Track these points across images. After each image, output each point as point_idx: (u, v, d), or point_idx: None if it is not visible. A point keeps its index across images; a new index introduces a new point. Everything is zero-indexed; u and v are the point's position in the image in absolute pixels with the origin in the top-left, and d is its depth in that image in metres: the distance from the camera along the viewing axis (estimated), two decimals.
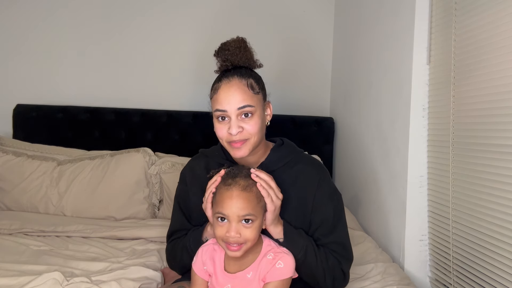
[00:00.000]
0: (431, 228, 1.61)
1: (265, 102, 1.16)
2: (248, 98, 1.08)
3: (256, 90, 1.11)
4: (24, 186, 2.10)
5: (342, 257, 1.17)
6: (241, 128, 1.08)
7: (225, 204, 0.98)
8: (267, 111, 1.17)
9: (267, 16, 2.62)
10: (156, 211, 2.16)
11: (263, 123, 1.14)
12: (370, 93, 2.05)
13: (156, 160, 2.19)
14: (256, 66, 1.17)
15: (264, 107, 1.15)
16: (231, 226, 0.98)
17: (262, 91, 1.14)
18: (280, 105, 2.64)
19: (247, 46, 1.15)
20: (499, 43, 1.22)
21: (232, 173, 1.03)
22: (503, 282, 1.21)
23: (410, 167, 1.62)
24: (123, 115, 2.49)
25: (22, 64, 2.56)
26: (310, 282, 1.15)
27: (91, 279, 1.37)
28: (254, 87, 1.10)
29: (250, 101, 1.08)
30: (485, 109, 1.30)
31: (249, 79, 1.10)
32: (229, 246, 0.99)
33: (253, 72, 1.15)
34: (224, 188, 1.00)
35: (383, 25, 1.89)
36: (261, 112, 1.12)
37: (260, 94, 1.13)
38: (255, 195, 1.00)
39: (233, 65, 1.13)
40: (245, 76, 1.10)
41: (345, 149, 2.42)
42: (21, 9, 2.54)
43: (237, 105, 1.07)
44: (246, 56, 1.14)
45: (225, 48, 1.14)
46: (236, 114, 1.08)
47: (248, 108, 1.08)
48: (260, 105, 1.12)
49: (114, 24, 2.57)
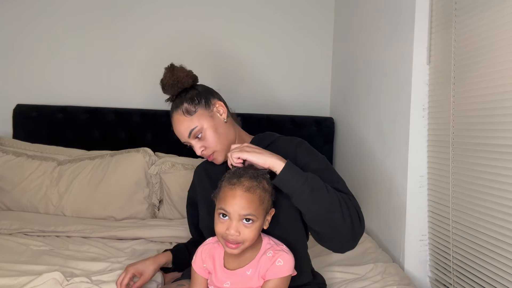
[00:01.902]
0: (431, 228, 1.61)
1: (210, 107, 1.21)
2: (189, 123, 1.18)
3: (192, 110, 1.19)
4: (24, 186, 2.11)
5: (348, 194, 1.11)
6: (203, 146, 1.19)
7: (228, 202, 0.99)
8: (219, 111, 1.23)
9: (267, 16, 2.62)
10: (156, 211, 2.16)
11: (220, 126, 1.21)
12: (370, 93, 2.05)
13: (156, 160, 2.19)
14: (190, 81, 1.23)
15: (211, 113, 1.21)
16: (231, 224, 0.99)
17: (199, 104, 1.20)
18: (280, 105, 2.64)
19: (174, 71, 1.21)
20: (499, 43, 1.22)
21: (238, 173, 1.03)
22: (503, 282, 1.21)
23: (410, 167, 1.62)
24: (123, 115, 2.49)
25: (22, 64, 2.56)
26: (325, 226, 1.05)
27: (91, 279, 1.37)
28: (189, 110, 1.18)
29: (192, 125, 1.18)
30: (485, 109, 1.30)
31: (183, 106, 1.19)
32: (227, 243, 1.00)
33: (188, 92, 1.21)
34: (228, 187, 1.01)
35: (383, 25, 1.89)
36: (209, 122, 1.19)
37: (199, 109, 1.19)
38: (258, 197, 1.00)
39: (173, 95, 1.23)
40: (178, 105, 1.20)
41: (345, 149, 2.43)
42: (21, 9, 2.54)
43: (185, 135, 1.19)
44: (177, 80, 1.20)
45: (162, 86, 1.22)
46: (191, 140, 1.20)
47: (193, 131, 1.18)
48: (204, 118, 1.19)
49: (114, 24, 2.57)
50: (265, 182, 1.03)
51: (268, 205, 1.04)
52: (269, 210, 1.05)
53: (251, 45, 2.62)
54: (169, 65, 1.22)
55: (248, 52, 2.62)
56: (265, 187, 1.03)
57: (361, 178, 2.13)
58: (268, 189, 1.03)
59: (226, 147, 1.20)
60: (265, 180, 1.04)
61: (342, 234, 1.06)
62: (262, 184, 1.02)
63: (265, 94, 2.65)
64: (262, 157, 1.05)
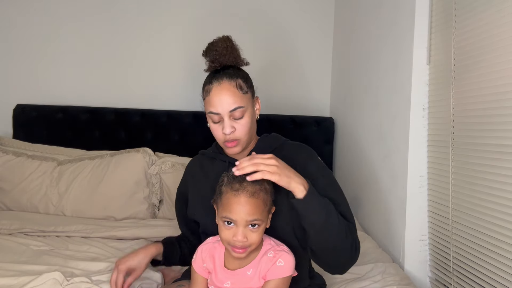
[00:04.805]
0: (431, 228, 1.61)
1: (254, 98, 1.20)
2: (238, 99, 1.12)
3: (245, 89, 1.15)
4: (24, 186, 2.11)
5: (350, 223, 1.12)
6: (234, 128, 1.13)
7: (233, 210, 0.98)
8: (256, 106, 1.22)
9: (267, 15, 2.62)
10: (156, 211, 2.16)
11: (254, 119, 1.19)
12: (370, 93, 2.05)
13: (156, 160, 2.19)
14: (243, 64, 1.21)
15: (253, 104, 1.19)
16: (238, 231, 0.98)
17: (250, 89, 1.17)
18: (280, 105, 2.64)
19: (233, 45, 1.18)
20: (499, 43, 1.22)
21: (239, 177, 1.01)
22: (503, 282, 1.21)
23: (410, 167, 1.62)
24: (123, 115, 2.49)
25: (22, 64, 2.56)
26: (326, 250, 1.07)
27: (91, 279, 1.37)
28: (242, 87, 1.14)
29: (240, 102, 1.12)
30: (485, 109, 1.30)
31: (238, 80, 1.14)
32: (234, 249, 1.00)
33: (240, 71, 1.18)
34: (231, 193, 0.99)
35: (383, 25, 1.89)
36: (251, 110, 1.16)
37: (249, 92, 1.16)
38: (262, 201, 1.00)
39: (221, 65, 1.17)
40: (233, 77, 1.14)
41: (345, 149, 2.43)
42: (21, 9, 2.54)
43: (228, 107, 1.11)
44: (233, 55, 1.17)
45: (212, 48, 1.17)
46: (228, 115, 1.12)
47: (239, 109, 1.12)
48: (249, 104, 1.16)
49: (114, 24, 2.57)
50: (265, 184, 1.03)
51: (270, 206, 1.04)
52: (271, 210, 1.05)
53: (250, 45, 2.62)
54: (226, 35, 1.17)
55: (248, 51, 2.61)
56: (266, 188, 1.02)
57: (361, 178, 2.13)
58: (269, 189, 1.03)
59: (249, 140, 1.19)
60: (265, 181, 1.03)
61: (339, 261, 1.11)
62: (264, 186, 1.01)
63: (265, 94, 2.65)
64: (289, 182, 1.02)
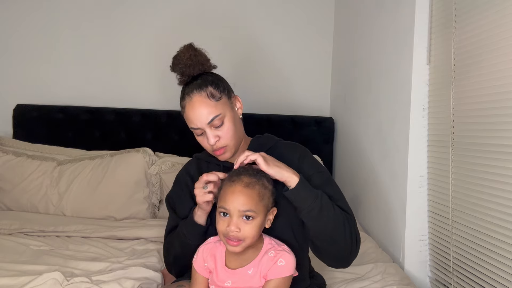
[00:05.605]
0: (431, 228, 1.61)
1: (231, 99, 1.17)
2: (213, 109, 1.10)
3: (217, 96, 1.11)
4: (24, 186, 2.11)
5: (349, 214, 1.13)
6: (218, 136, 1.11)
7: (228, 199, 1.00)
8: (237, 106, 1.19)
9: (267, 15, 2.62)
10: (156, 211, 2.16)
11: (237, 121, 1.16)
12: (370, 93, 2.05)
13: (156, 160, 2.19)
14: (212, 68, 1.18)
15: (232, 105, 1.16)
16: (231, 221, 0.99)
17: (223, 93, 1.14)
18: (280, 105, 2.64)
19: (197, 52, 1.14)
20: (499, 43, 1.22)
21: (238, 171, 1.05)
22: (503, 282, 1.21)
23: (410, 167, 1.62)
24: (123, 115, 2.49)
25: (22, 64, 2.56)
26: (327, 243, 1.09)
27: (91, 279, 1.37)
28: (214, 95, 1.11)
29: (215, 111, 1.10)
30: (485, 109, 1.30)
31: (208, 89, 1.11)
32: (229, 240, 1.00)
33: (210, 76, 1.15)
34: (228, 184, 1.02)
35: (383, 25, 1.90)
36: (230, 113, 1.13)
37: (223, 97, 1.13)
38: (257, 193, 1.01)
39: (190, 76, 1.14)
40: (202, 87, 1.11)
41: (345, 149, 2.43)
42: (21, 9, 2.54)
43: (205, 120, 1.10)
44: (199, 63, 1.14)
45: (177, 62, 1.14)
46: (208, 127, 1.11)
47: (216, 118, 1.10)
48: (227, 108, 1.13)
49: (114, 24, 2.57)
50: (265, 180, 1.04)
51: (269, 203, 1.04)
52: (270, 209, 1.05)
53: (250, 45, 2.62)
54: (187, 44, 1.14)
55: (247, 52, 2.62)
56: (264, 184, 1.03)
57: (361, 178, 2.14)
58: (268, 186, 1.04)
59: (238, 143, 1.16)
60: (265, 178, 1.05)
61: (341, 252, 1.11)
62: (262, 181, 1.03)
63: (265, 94, 2.65)
64: (280, 171, 1.05)
